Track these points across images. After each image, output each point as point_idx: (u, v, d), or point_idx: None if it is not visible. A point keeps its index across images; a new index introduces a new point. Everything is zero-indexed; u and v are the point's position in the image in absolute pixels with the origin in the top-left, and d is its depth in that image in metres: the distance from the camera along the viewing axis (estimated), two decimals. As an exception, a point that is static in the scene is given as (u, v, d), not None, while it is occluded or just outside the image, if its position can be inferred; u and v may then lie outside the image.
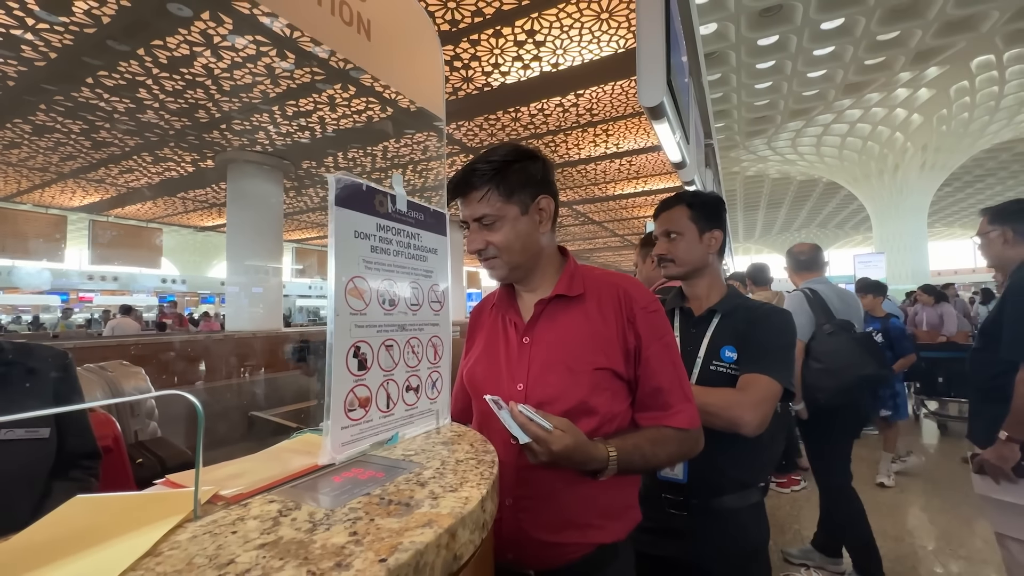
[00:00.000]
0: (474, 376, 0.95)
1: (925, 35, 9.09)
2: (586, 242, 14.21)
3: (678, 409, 0.89)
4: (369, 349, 0.61)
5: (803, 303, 2.33)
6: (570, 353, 0.87)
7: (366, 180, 0.60)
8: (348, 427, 0.58)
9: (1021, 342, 1.47)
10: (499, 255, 0.87)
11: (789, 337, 1.26)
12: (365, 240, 0.61)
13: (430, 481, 0.51)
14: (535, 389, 0.86)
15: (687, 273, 1.33)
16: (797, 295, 2.40)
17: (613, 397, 0.88)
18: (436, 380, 0.74)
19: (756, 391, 1.15)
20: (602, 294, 0.92)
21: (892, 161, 14.22)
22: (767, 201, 20.41)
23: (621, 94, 4.68)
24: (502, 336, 0.95)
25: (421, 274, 0.72)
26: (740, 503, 1.24)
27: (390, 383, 0.64)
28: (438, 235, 0.76)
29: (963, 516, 3.03)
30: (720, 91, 10.88)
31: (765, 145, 14.18)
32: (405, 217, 0.69)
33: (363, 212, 0.61)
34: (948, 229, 28.36)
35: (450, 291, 0.77)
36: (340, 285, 0.57)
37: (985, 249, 1.75)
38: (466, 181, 0.85)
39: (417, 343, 0.69)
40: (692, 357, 1.28)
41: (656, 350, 0.89)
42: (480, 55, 3.94)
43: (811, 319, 2.28)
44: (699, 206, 1.31)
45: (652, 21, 2.39)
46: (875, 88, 11.31)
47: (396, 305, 0.66)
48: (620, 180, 7.55)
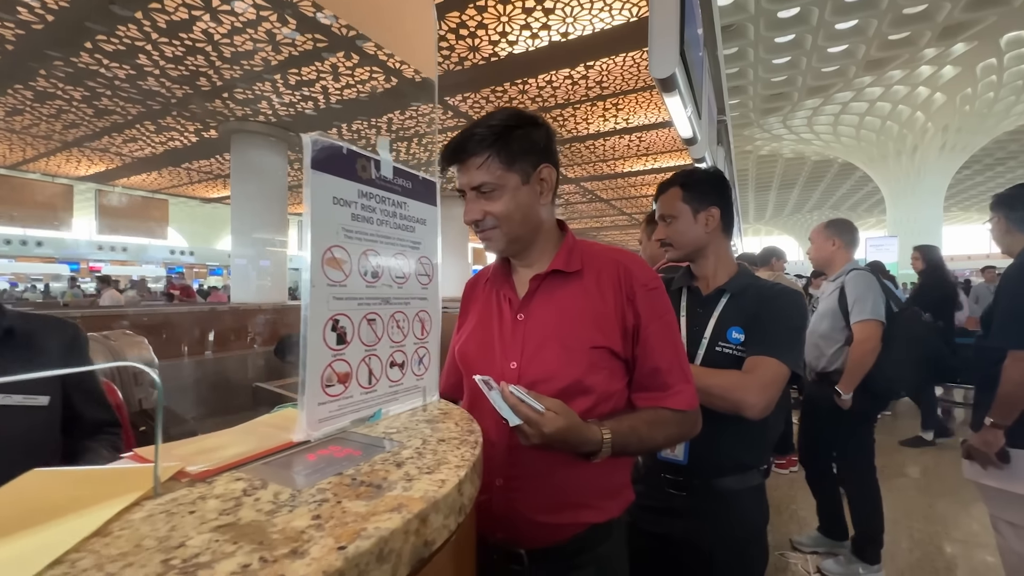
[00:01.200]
0: (466, 353, 0.93)
1: (954, 8, 8.66)
2: (593, 220, 14.05)
3: (677, 390, 0.86)
4: (349, 323, 0.58)
5: (873, 282, 2.15)
6: (566, 331, 0.84)
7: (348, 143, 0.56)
8: (326, 403, 0.55)
9: (1008, 328, 1.47)
10: (498, 226, 0.82)
11: (799, 319, 1.22)
12: (345, 207, 0.57)
13: (407, 462, 0.48)
14: (529, 367, 0.83)
15: (688, 255, 1.29)
16: (865, 274, 2.18)
17: (610, 376, 0.85)
18: (423, 356, 0.71)
19: (762, 374, 1.12)
20: (601, 270, 0.88)
21: (911, 142, 13.80)
22: (779, 181, 20.00)
23: (632, 66, 4.52)
24: (496, 312, 0.91)
25: (408, 245, 0.68)
26: (740, 485, 1.22)
27: (372, 358, 0.61)
28: (428, 205, 0.72)
29: (962, 501, 3.03)
30: (736, 66, 10.52)
31: (780, 123, 13.78)
32: (391, 185, 0.65)
33: (343, 177, 0.57)
34: (964, 213, 27.73)
35: (440, 265, 0.74)
36: (317, 254, 0.53)
37: (992, 235, 1.71)
38: (464, 147, 0.80)
39: (403, 318, 0.66)
40: (698, 338, 1.25)
41: (655, 329, 0.86)
42: (487, 23, 3.80)
43: (883, 300, 2.13)
44: (692, 185, 1.26)
45: (666, -5, 2.26)
46: (898, 65, 10.87)
47: (380, 277, 0.62)
48: (629, 157, 7.38)
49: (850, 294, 2.15)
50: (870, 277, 2.19)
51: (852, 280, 2.18)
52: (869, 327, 2.07)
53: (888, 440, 4.16)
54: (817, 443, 2.41)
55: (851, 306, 2.13)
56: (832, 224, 2.37)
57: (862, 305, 2.09)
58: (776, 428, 2.01)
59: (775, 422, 1.64)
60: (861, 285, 2.15)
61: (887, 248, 13.76)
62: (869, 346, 2.06)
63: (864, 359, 2.06)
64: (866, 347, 2.06)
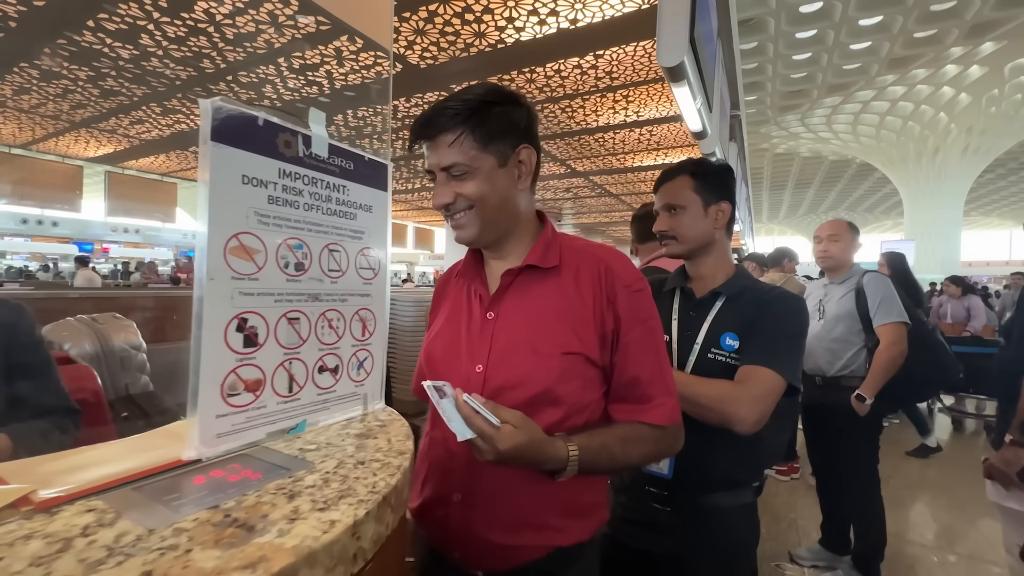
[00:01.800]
0: (431, 354, 0.84)
1: (984, 6, 8.34)
2: (602, 215, 13.87)
3: (657, 403, 0.78)
4: (261, 322, 0.50)
5: (891, 284, 2.09)
6: (538, 333, 0.75)
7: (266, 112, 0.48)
8: (228, 415, 0.48)
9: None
10: (471, 207, 0.73)
11: (798, 326, 1.12)
12: (260, 188, 0.49)
13: (305, 492, 0.41)
14: (495, 372, 0.75)
15: (691, 251, 1.18)
16: (882, 276, 2.13)
17: (584, 386, 0.77)
18: (364, 360, 0.63)
19: (755, 385, 1.02)
20: (581, 267, 0.80)
21: (933, 143, 13.41)
22: (795, 181, 19.61)
23: (643, 56, 4.37)
24: (465, 309, 0.83)
25: (347, 235, 0.60)
26: (729, 503, 1.13)
27: (294, 363, 0.54)
28: (374, 189, 0.64)
29: (968, 515, 2.92)
30: (754, 61, 10.24)
31: (798, 121, 13.46)
32: (326, 165, 0.56)
33: (258, 153, 0.49)
34: (985, 218, 27.05)
35: (388, 258, 0.65)
36: (218, 242, 0.46)
37: None
38: (434, 122, 0.70)
39: (337, 317, 0.58)
40: (689, 343, 1.16)
41: (637, 335, 0.77)
42: (493, 7, 3.68)
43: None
44: (704, 176, 1.16)
45: (677, -32, 2.15)
46: (922, 64, 10.52)
47: (305, 270, 0.54)
48: (639, 151, 7.21)
49: (872, 296, 2.07)
50: (887, 279, 2.12)
51: (872, 283, 2.10)
52: (898, 330, 2.00)
53: (893, 449, 4.04)
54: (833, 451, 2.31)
55: (875, 308, 2.05)
56: (853, 226, 2.27)
57: (888, 307, 2.02)
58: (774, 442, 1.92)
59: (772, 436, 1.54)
60: (884, 287, 2.08)
61: (903, 251, 13.44)
62: (898, 349, 1.99)
63: (894, 362, 1.99)
64: (895, 350, 1.99)
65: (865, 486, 2.21)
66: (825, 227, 2.31)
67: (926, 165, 13.99)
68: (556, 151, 7.11)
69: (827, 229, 2.30)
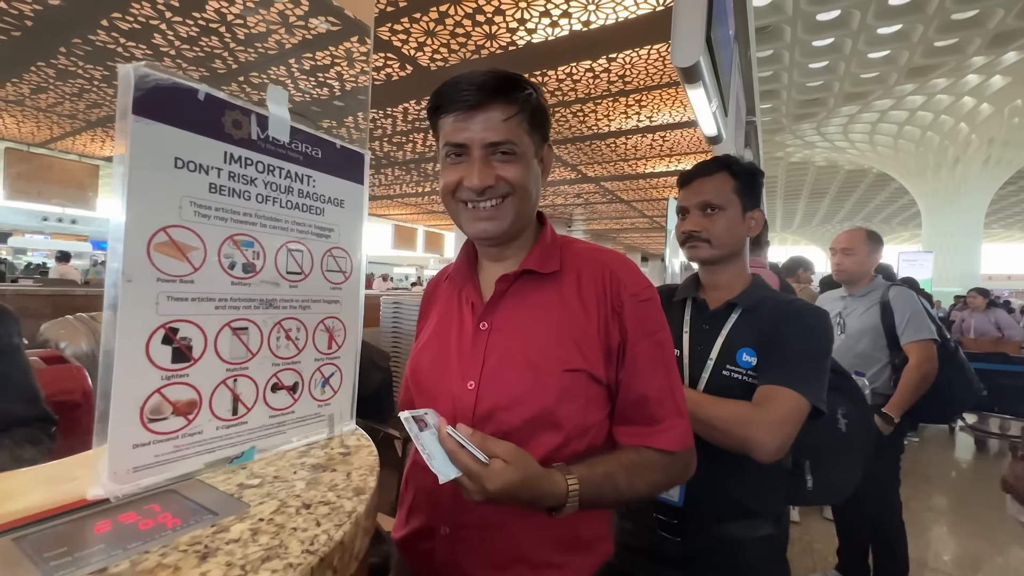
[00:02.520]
0: (418, 368, 0.76)
1: (1008, 15, 8.15)
2: (613, 222, 13.76)
3: (667, 426, 0.69)
4: (197, 332, 0.42)
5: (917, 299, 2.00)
6: (536, 346, 0.67)
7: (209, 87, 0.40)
8: (149, 443, 0.40)
9: None
10: (511, 195, 0.65)
11: (823, 342, 1.02)
12: (199, 174, 0.41)
13: (223, 549, 0.32)
14: (488, 389, 0.67)
15: (722, 257, 1.08)
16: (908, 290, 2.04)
17: (586, 406, 0.68)
18: (331, 375, 0.55)
19: (777, 407, 0.92)
20: (583, 274, 0.71)
21: (952, 154, 13.14)
22: (810, 190, 19.33)
23: (657, 59, 4.29)
24: (456, 318, 0.75)
25: (311, 232, 0.52)
26: (746, 534, 1.03)
27: (240, 380, 0.46)
28: (347, 181, 0.56)
29: (994, 542, 2.76)
30: (770, 69, 10.11)
31: (814, 130, 13.26)
32: (287, 151, 0.49)
33: (196, 132, 0.41)
34: (1007, 231, 26.43)
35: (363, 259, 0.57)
36: (139, 236, 0.38)
37: None
38: (489, 88, 0.61)
39: (296, 326, 0.50)
40: (702, 358, 1.07)
41: (645, 349, 0.69)
42: (505, 8, 3.63)
43: None
44: (744, 176, 1.06)
45: (694, -34, 2.07)
46: (943, 73, 10.31)
47: (257, 272, 0.46)
48: (652, 157, 7.12)
49: (900, 311, 1.97)
50: (914, 294, 2.02)
51: (900, 297, 2.01)
52: (928, 347, 1.91)
53: (913, 469, 3.87)
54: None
55: (903, 324, 1.96)
56: (874, 235, 2.17)
57: (918, 323, 1.94)
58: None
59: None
60: (911, 300, 1.99)
61: (921, 264, 13.13)
62: (930, 367, 1.90)
63: (927, 380, 1.90)
64: (926, 368, 1.90)
65: (885, 510, 2.09)
66: (841, 239, 2.20)
67: (945, 176, 13.71)
68: (567, 156, 7.05)
69: (842, 241, 2.18)
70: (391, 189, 9.91)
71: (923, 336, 1.91)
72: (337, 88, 5.32)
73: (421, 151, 7.14)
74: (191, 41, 4.55)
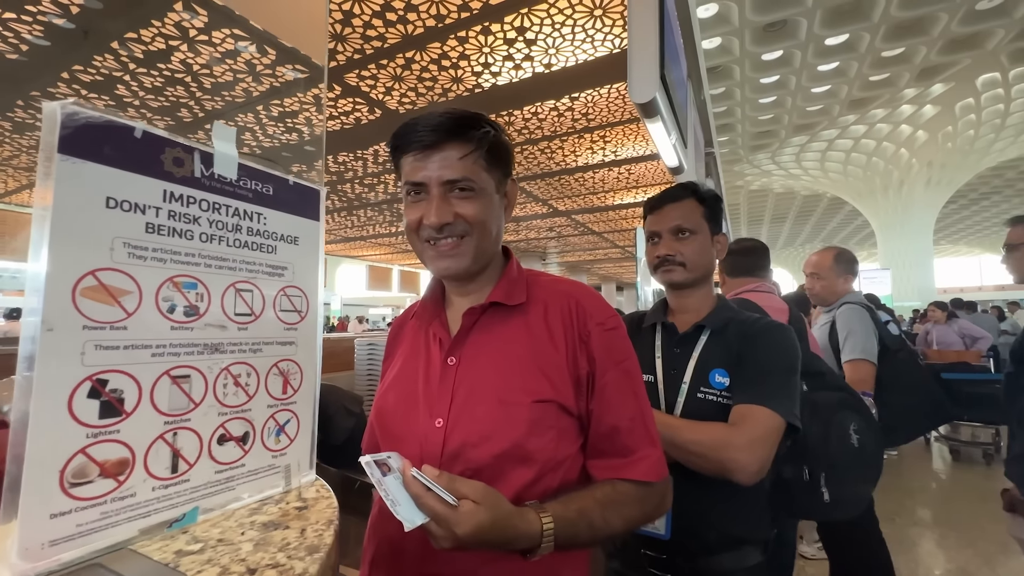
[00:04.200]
0: (383, 408, 0.72)
1: (930, 52, 8.99)
2: (587, 253, 13.97)
3: (640, 456, 0.66)
4: (130, 384, 0.39)
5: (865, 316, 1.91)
6: (504, 379, 0.65)
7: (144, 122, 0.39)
8: (70, 512, 0.35)
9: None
10: (469, 234, 0.63)
11: (790, 358, 1.02)
12: (134, 214, 0.39)
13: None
14: (458, 426, 0.63)
15: (695, 280, 1.09)
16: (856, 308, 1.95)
17: (559, 438, 0.65)
18: (287, 422, 0.51)
19: (752, 426, 0.91)
20: (549, 305, 0.70)
21: (897, 177, 14.05)
22: (771, 215, 20.23)
23: (618, 98, 4.49)
24: (423, 355, 0.72)
25: (263, 271, 0.50)
26: (736, 565, 1.00)
27: (181, 434, 0.42)
28: (301, 218, 0.54)
29: (982, 553, 2.75)
30: (724, 105, 10.76)
31: (769, 160, 14.03)
32: (233, 188, 0.47)
33: (131, 171, 0.39)
34: (954, 247, 28.05)
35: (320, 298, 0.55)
36: (62, 280, 0.35)
37: (1014, 263, 1.51)
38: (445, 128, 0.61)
39: (247, 372, 0.47)
40: (676, 382, 1.06)
41: (614, 378, 0.67)
42: (469, 53, 3.77)
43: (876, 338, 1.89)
44: (710, 202, 1.10)
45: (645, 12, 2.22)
46: (880, 104, 11.17)
47: (200, 315, 0.44)
48: (619, 189, 7.34)
49: (841, 330, 1.93)
50: (862, 312, 1.95)
51: (843, 314, 1.95)
52: (861, 368, 1.86)
53: (894, 484, 3.89)
54: None
55: (841, 343, 1.91)
56: (843, 256, 2.11)
57: (852, 342, 1.88)
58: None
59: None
60: (853, 320, 1.92)
61: (880, 280, 13.71)
62: (863, 389, 1.83)
63: None
64: (858, 390, 1.86)
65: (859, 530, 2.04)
66: (809, 261, 2.18)
67: (893, 197, 14.58)
68: (537, 191, 7.19)
69: (810, 265, 2.17)
70: (364, 230, 9.88)
71: (854, 356, 1.86)
72: (307, 132, 5.36)
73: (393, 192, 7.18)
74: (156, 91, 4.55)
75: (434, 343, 0.71)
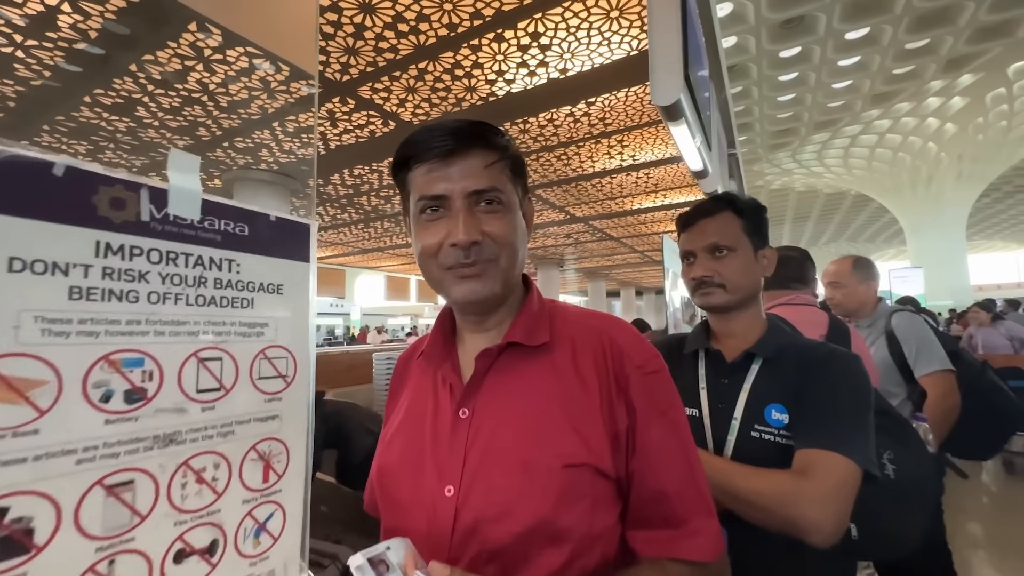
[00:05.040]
0: (386, 466, 0.61)
1: (957, 42, 8.65)
2: (604, 259, 13.82)
3: (694, 528, 0.55)
4: (44, 506, 0.29)
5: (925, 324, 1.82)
6: (528, 438, 0.53)
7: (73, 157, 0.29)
8: None
9: None
10: (496, 258, 0.55)
11: (863, 393, 0.88)
12: (52, 276, 0.29)
13: None
14: (472, 496, 0.52)
15: (739, 302, 0.97)
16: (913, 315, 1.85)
17: (594, 509, 0.53)
18: (269, 517, 0.41)
19: (825, 477, 0.77)
20: (578, 344, 0.59)
21: (925, 172, 13.56)
22: (792, 215, 19.74)
23: (635, 101, 4.39)
24: (431, 402, 0.61)
25: (235, 332, 0.40)
26: None
27: (121, 559, 0.32)
28: (286, 260, 0.44)
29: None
30: (741, 104, 10.54)
31: (790, 158, 13.70)
32: (195, 230, 0.37)
33: (49, 219, 0.30)
34: (988, 242, 26.96)
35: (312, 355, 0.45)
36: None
37: None
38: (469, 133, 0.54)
39: (213, 463, 0.37)
40: (725, 418, 0.93)
41: (658, 432, 0.55)
42: (482, 62, 3.70)
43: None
44: (749, 214, 0.97)
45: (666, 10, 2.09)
46: (904, 98, 10.81)
47: (149, 399, 0.34)
48: (638, 194, 7.21)
49: (908, 342, 1.79)
50: (919, 318, 1.84)
51: (903, 324, 1.82)
52: (946, 379, 1.73)
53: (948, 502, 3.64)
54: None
55: (914, 356, 1.77)
56: (862, 263, 1.99)
57: (930, 354, 1.75)
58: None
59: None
60: (917, 328, 1.80)
61: (912, 279, 13.17)
62: (951, 401, 1.71)
63: (950, 415, 1.72)
64: (948, 402, 1.71)
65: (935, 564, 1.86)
66: (828, 271, 2.03)
67: (922, 193, 14.09)
68: (554, 198, 7.10)
69: (829, 274, 2.02)
70: (381, 241, 9.91)
71: (935, 367, 1.73)
72: (321, 147, 5.36)
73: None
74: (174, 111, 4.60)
75: (443, 389, 0.60)
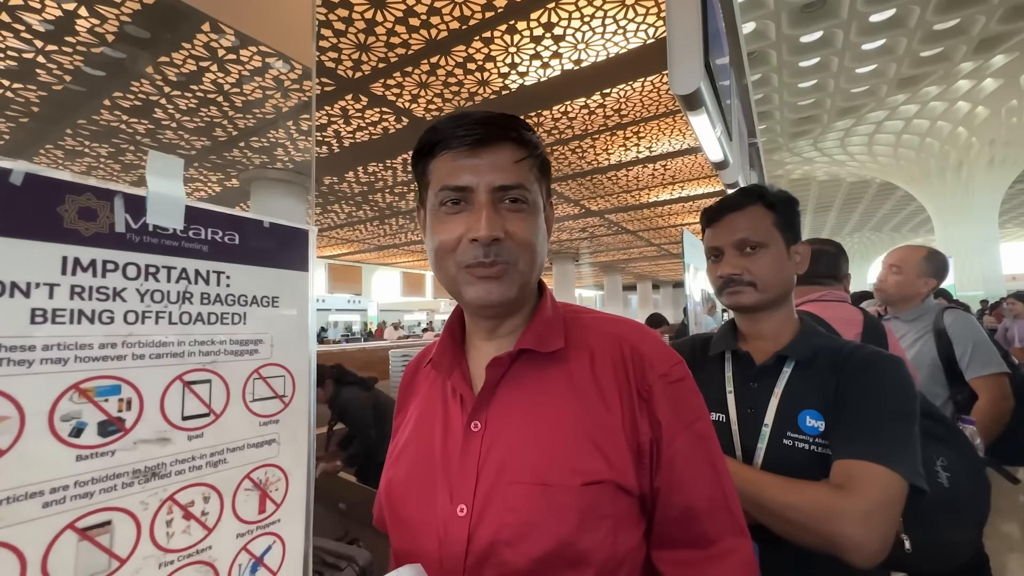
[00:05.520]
0: (393, 483, 0.57)
1: (989, 21, 8.27)
2: (620, 252, 13.67)
3: (726, 548, 0.50)
4: (8, 558, 0.26)
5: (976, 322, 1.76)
6: (544, 453, 0.49)
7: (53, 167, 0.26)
8: None
9: None
10: (516, 261, 0.51)
11: (908, 399, 0.81)
12: (11, 299, 0.26)
13: None
14: (486, 516, 0.48)
15: (770, 301, 0.91)
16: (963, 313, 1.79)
17: (617, 529, 0.49)
18: (267, 550, 0.38)
19: (868, 492, 0.71)
20: (596, 351, 0.54)
21: (955, 158, 13.07)
22: (815, 204, 19.25)
23: (652, 91, 4.28)
24: (440, 414, 0.57)
25: (225, 352, 0.36)
26: None
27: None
28: (282, 270, 0.40)
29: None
30: (761, 92, 10.26)
31: (811, 146, 13.32)
32: (179, 241, 0.34)
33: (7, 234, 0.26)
34: (1022, 230, 25.95)
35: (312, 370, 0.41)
36: None
37: None
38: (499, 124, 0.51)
39: (203, 495, 0.34)
40: (755, 424, 0.87)
41: (685, 445, 0.51)
42: (495, 54, 3.64)
43: None
44: (781, 207, 0.91)
45: (684, -3, 2.00)
46: (933, 81, 10.38)
47: (127, 430, 0.30)
48: (655, 186, 7.08)
49: (960, 341, 1.73)
50: (973, 318, 1.77)
51: (957, 324, 1.75)
52: (1001, 382, 1.67)
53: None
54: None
55: (966, 357, 1.71)
56: (935, 257, 1.86)
57: (986, 356, 1.69)
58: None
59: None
60: (971, 327, 1.74)
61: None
62: (1006, 405, 1.66)
63: (1002, 419, 1.66)
64: (1003, 406, 1.66)
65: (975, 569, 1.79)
66: (893, 253, 1.91)
67: (951, 180, 13.59)
68: (569, 192, 7.02)
69: (893, 256, 1.90)
70: (397, 238, 9.95)
71: (992, 370, 1.66)
72: (335, 145, 5.38)
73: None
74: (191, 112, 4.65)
75: (454, 400, 0.56)
